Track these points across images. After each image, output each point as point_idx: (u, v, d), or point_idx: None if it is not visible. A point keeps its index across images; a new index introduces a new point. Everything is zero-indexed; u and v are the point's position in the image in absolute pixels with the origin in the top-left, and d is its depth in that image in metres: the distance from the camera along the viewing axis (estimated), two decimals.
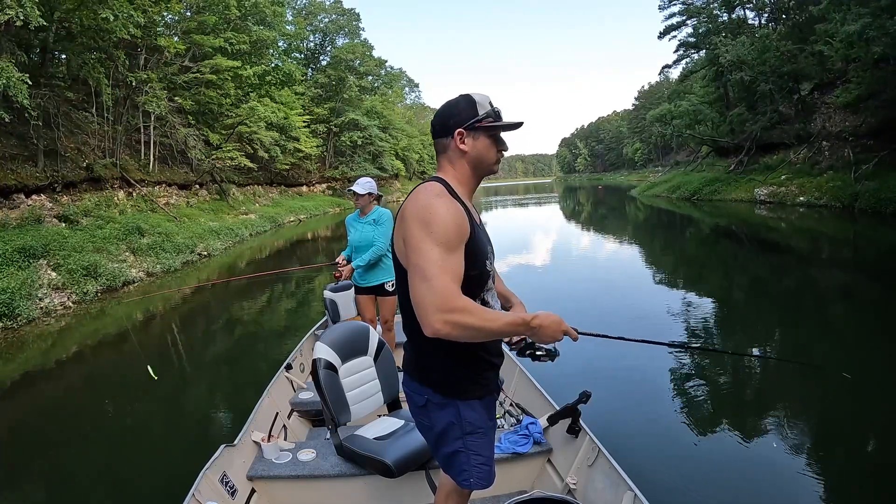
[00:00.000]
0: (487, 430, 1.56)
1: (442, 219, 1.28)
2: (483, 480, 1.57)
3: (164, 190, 16.86)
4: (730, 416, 3.66)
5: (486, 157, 1.44)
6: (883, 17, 12.72)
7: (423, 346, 1.50)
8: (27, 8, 7.92)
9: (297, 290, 9.59)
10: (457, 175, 1.44)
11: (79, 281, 8.57)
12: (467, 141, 1.41)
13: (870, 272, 8.44)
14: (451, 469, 1.58)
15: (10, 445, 4.02)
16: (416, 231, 1.28)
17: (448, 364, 1.48)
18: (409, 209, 1.33)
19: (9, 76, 7.89)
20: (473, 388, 1.51)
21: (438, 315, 1.19)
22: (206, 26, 18.59)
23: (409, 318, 1.44)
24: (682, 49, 30.37)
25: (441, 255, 1.25)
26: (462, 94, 1.45)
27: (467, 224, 1.34)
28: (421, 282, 1.23)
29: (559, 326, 1.33)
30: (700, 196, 24.36)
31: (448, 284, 1.23)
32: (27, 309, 7.28)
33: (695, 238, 14.79)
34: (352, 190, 3.70)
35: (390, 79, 45.37)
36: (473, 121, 1.39)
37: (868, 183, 14.74)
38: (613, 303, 7.11)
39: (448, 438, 1.53)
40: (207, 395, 4.92)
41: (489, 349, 1.53)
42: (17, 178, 10.67)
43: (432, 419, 1.54)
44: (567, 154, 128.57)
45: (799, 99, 21.46)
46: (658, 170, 49.80)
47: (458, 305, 1.21)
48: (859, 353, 4.90)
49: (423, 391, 1.54)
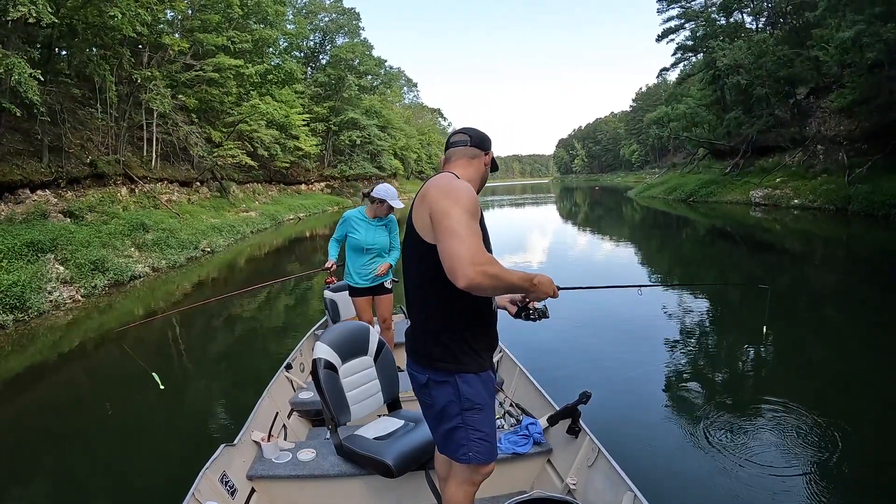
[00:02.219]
0: (485, 407, 1.68)
1: (467, 193, 1.52)
2: (482, 455, 1.68)
3: (166, 187, 16.96)
4: (730, 416, 3.69)
5: (486, 177, 1.81)
6: (877, 24, 12.98)
7: (424, 326, 1.69)
8: (39, 5, 8.03)
9: (297, 290, 9.71)
10: (469, 176, 1.69)
11: (87, 275, 8.70)
12: (485, 161, 1.78)
13: (862, 272, 8.65)
14: (449, 446, 1.71)
15: (11, 441, 4.05)
16: (445, 201, 1.48)
17: (450, 343, 1.64)
18: (434, 189, 1.55)
19: (21, 72, 8.00)
20: (470, 363, 1.65)
21: (472, 266, 1.36)
22: (209, 25, 18.67)
23: (419, 296, 1.69)
24: (680, 52, 30.61)
25: (469, 220, 1.45)
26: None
27: (479, 207, 1.57)
28: (454, 239, 1.41)
29: (552, 284, 1.63)
30: (696, 198, 24.63)
31: (478, 242, 1.42)
32: (38, 302, 7.40)
33: (690, 239, 15.02)
34: (377, 196, 3.53)
35: (389, 78, 45.48)
36: (488, 149, 1.79)
37: (861, 186, 15.00)
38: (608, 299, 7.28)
39: (448, 414, 1.68)
40: (207, 394, 4.93)
41: (483, 325, 1.70)
42: (23, 174, 10.76)
43: (433, 396, 1.69)
44: (564, 155, 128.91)
45: (795, 103, 21.74)
46: (655, 171, 50.11)
47: (487, 258, 1.41)
48: (852, 348, 5.00)
49: (424, 371, 1.70)
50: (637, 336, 5.57)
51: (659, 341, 5.30)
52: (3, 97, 9.17)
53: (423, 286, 1.66)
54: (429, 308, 1.67)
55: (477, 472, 1.75)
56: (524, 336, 4.92)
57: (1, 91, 9.26)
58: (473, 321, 1.65)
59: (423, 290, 1.66)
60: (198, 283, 10.40)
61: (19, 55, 8.44)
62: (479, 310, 1.66)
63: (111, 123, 14.92)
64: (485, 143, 1.77)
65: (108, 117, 14.82)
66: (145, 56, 16.20)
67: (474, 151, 1.74)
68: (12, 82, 8.08)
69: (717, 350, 5.42)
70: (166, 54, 16.95)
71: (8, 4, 8.01)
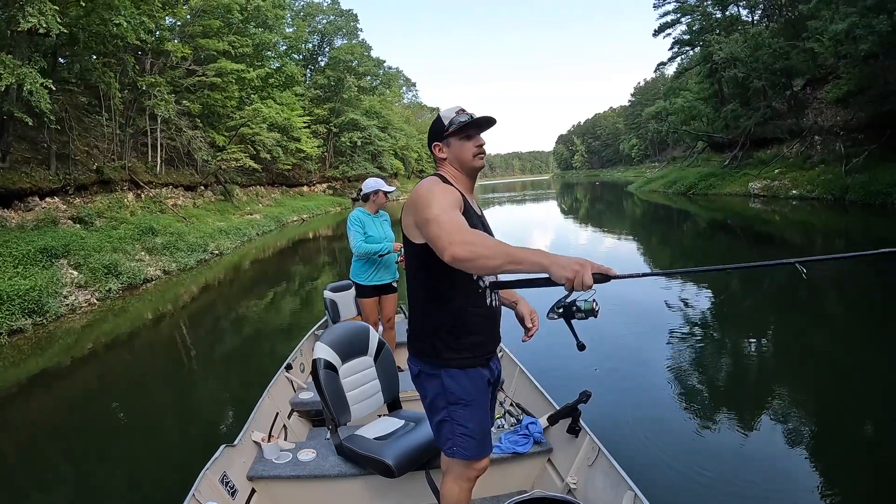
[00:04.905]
0: (471, 403, 1.68)
1: (439, 190, 1.57)
2: (466, 451, 1.69)
3: (171, 191, 17.18)
4: (731, 415, 3.69)
5: (462, 155, 1.69)
6: (870, 16, 13.11)
7: (420, 321, 1.73)
8: (48, 17, 8.23)
9: (299, 290, 9.84)
10: (449, 173, 1.73)
11: (101, 279, 8.91)
12: (443, 150, 1.72)
13: (862, 260, 8.79)
14: (438, 438, 1.75)
15: (14, 441, 4.14)
16: (422, 201, 1.53)
17: (432, 335, 1.68)
18: (413, 194, 1.62)
19: (32, 82, 8.20)
20: (454, 358, 1.67)
21: (451, 243, 1.35)
22: (210, 30, 18.87)
23: (414, 294, 1.73)
24: (677, 46, 30.75)
25: (445, 207, 1.48)
26: (437, 113, 1.82)
27: (461, 200, 1.60)
28: (433, 224, 1.44)
29: (574, 263, 1.22)
30: (696, 191, 24.79)
31: (455, 219, 1.44)
32: (55, 306, 7.61)
33: (691, 231, 15.19)
34: (371, 191, 3.68)
35: (388, 79, 45.64)
36: (443, 133, 1.70)
37: (858, 176, 15.15)
38: (609, 299, 7.43)
39: (435, 407, 1.72)
40: (208, 394, 4.97)
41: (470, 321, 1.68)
42: (32, 182, 10.95)
43: (424, 388, 1.74)
44: (564, 151, 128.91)
45: (791, 95, 21.88)
46: (654, 165, 50.16)
47: (467, 233, 1.39)
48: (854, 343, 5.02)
49: (417, 363, 1.75)
50: (637, 334, 5.57)
51: (660, 339, 5.32)
52: (14, 106, 9.37)
53: (412, 281, 1.74)
54: (417, 303, 1.73)
55: (470, 468, 1.75)
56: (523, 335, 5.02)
57: (11, 100, 9.46)
58: (459, 318, 1.66)
59: (412, 285, 1.74)
60: (211, 285, 10.63)
61: (30, 65, 8.64)
62: (466, 307, 1.66)
63: (117, 130, 15.13)
64: (429, 139, 1.76)
65: (113, 124, 15.03)
66: (148, 62, 16.40)
67: (435, 145, 1.75)
68: (25, 92, 8.28)
69: (719, 346, 5.39)
70: (169, 60, 17.15)
71: (18, 15, 8.21)
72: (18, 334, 6.81)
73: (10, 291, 7.12)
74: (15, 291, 7.16)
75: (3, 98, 9.39)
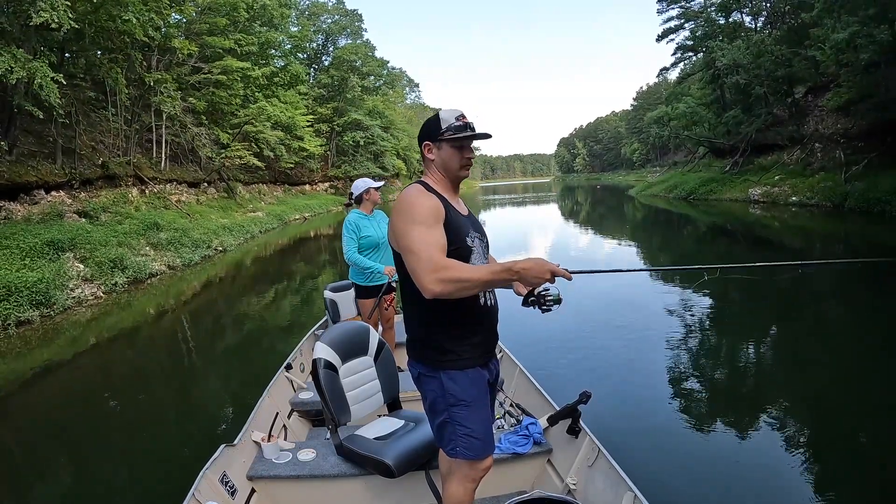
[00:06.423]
0: (472, 403, 1.68)
1: (418, 205, 1.56)
2: (469, 451, 1.68)
3: (175, 188, 17.29)
4: (730, 416, 3.71)
5: (450, 163, 1.68)
6: (871, 26, 13.22)
7: (416, 325, 1.72)
8: (59, 12, 8.33)
9: (300, 290, 9.91)
10: (433, 177, 1.71)
11: (107, 273, 9.01)
12: (433, 151, 1.69)
13: (860, 267, 8.86)
14: (441, 440, 1.74)
15: (18, 435, 4.17)
16: (400, 219, 1.55)
17: (429, 338, 1.68)
18: (394, 208, 1.63)
19: (42, 76, 8.30)
20: (453, 360, 1.66)
21: (430, 276, 1.41)
22: (217, 28, 18.98)
23: (408, 299, 1.70)
24: (680, 52, 30.95)
25: (422, 231, 1.50)
26: (436, 112, 1.75)
27: (442, 209, 1.59)
28: (411, 256, 1.48)
29: (543, 267, 1.40)
30: (696, 196, 24.90)
31: (432, 251, 1.46)
32: (61, 298, 7.70)
33: (691, 236, 15.28)
34: (362, 191, 3.64)
35: (391, 79, 45.78)
36: (437, 134, 1.66)
37: (857, 183, 15.24)
38: (608, 298, 7.54)
39: (436, 409, 1.71)
40: (208, 393, 4.98)
41: (466, 323, 1.68)
42: (38, 175, 11.05)
43: (424, 390, 1.74)
44: (565, 154, 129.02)
45: (793, 102, 21.99)
46: (656, 170, 50.30)
47: (443, 264, 1.43)
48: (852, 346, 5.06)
49: (416, 366, 1.75)
50: (637, 334, 5.59)
51: (659, 340, 5.34)
52: (24, 100, 9.46)
53: (405, 285, 1.70)
54: (412, 306, 1.71)
55: (474, 468, 1.75)
56: (524, 336, 5.06)
57: (20, 94, 9.56)
58: (455, 319, 1.66)
59: (406, 289, 1.70)
60: (214, 281, 10.72)
61: (41, 60, 8.73)
62: (462, 308, 1.65)
63: (122, 126, 15.22)
64: (421, 136, 1.73)
65: (119, 119, 15.13)
66: (154, 59, 16.51)
67: (425, 145, 1.71)
68: (35, 86, 8.37)
69: (718, 348, 5.42)
70: (175, 57, 17.25)
71: (30, 10, 8.31)
72: (26, 325, 6.92)
73: (19, 283, 7.22)
74: (23, 283, 7.26)
75: (13, 91, 9.49)
